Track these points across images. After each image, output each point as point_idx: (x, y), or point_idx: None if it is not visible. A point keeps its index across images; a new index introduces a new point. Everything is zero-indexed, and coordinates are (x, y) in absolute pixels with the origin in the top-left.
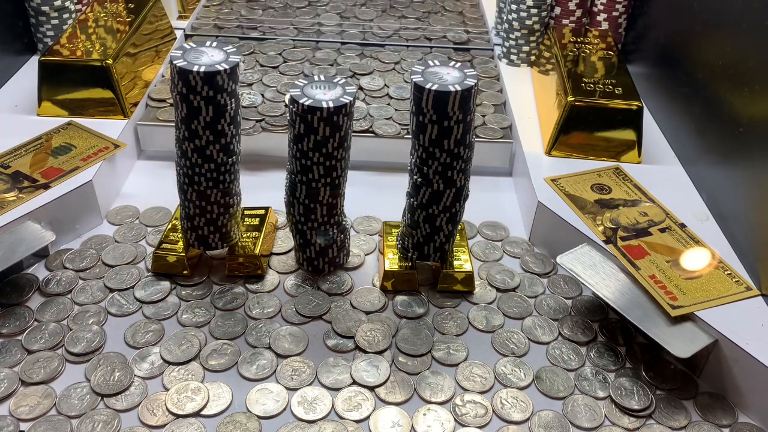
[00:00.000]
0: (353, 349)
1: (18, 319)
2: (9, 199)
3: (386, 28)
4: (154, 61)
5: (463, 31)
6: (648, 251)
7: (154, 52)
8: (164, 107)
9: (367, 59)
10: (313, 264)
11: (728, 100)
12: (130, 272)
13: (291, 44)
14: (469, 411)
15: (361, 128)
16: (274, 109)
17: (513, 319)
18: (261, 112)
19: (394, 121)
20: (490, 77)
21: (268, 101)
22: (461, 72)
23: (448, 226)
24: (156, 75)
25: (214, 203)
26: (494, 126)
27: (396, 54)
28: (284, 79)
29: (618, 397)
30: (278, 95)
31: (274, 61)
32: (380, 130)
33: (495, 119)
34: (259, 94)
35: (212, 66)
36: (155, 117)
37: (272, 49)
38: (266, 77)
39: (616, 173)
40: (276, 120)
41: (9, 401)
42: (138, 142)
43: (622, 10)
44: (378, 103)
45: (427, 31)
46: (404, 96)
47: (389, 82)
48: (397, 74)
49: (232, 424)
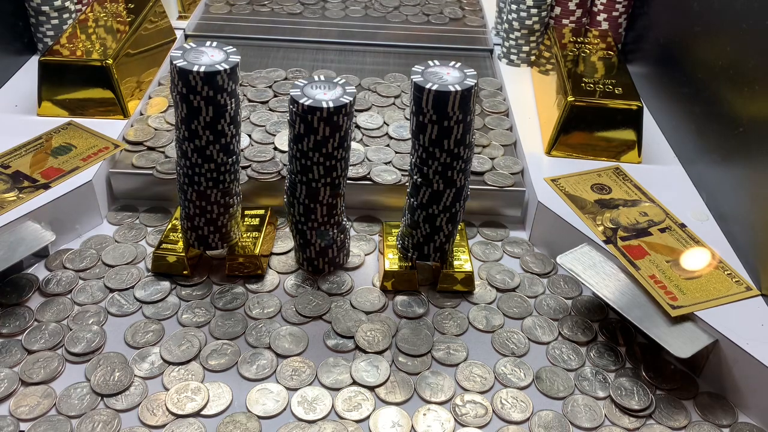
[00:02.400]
0: (353, 349)
1: (18, 319)
2: (9, 199)
3: (386, 27)
4: (154, 61)
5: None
6: (648, 251)
7: (154, 52)
8: (141, 150)
9: (365, 92)
10: (313, 264)
11: (728, 100)
12: (130, 272)
13: (282, 75)
14: (469, 411)
15: (358, 174)
16: (263, 153)
17: (513, 319)
18: (248, 158)
19: (393, 166)
20: (492, 87)
21: (255, 143)
22: (461, 72)
23: (448, 226)
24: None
25: (214, 203)
26: (503, 171)
27: (396, 86)
28: (274, 117)
29: (618, 397)
30: (267, 136)
31: (263, 95)
32: (378, 178)
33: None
34: (245, 135)
35: (212, 66)
36: (130, 163)
37: (261, 81)
38: (254, 115)
39: (616, 173)
40: (264, 167)
41: (9, 401)
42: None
43: (622, 10)
44: (376, 144)
45: (428, 24)
46: (405, 136)
47: (389, 120)
48: (397, 110)
49: (232, 424)
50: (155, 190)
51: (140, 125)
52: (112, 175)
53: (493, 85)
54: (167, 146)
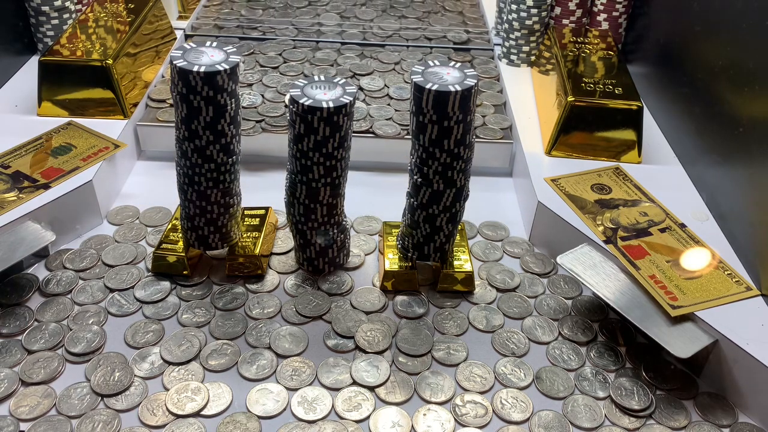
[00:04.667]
0: (353, 349)
1: (18, 319)
2: (9, 199)
3: (386, 28)
4: (154, 61)
5: (463, 31)
6: (648, 251)
7: (154, 52)
8: (164, 107)
9: (367, 59)
10: (313, 264)
11: (728, 100)
12: (130, 272)
13: (291, 44)
14: (469, 411)
15: (361, 129)
16: (274, 109)
17: (513, 319)
18: (261, 113)
19: (394, 121)
20: (491, 77)
21: (268, 101)
22: (461, 72)
23: (448, 226)
24: (156, 75)
25: (214, 203)
26: (494, 126)
27: (396, 54)
28: (284, 80)
29: (618, 397)
30: (278, 95)
31: (274, 61)
32: (380, 131)
33: (495, 119)
34: (259, 94)
35: (212, 66)
36: (155, 117)
37: (272, 49)
38: (266, 77)
39: (616, 173)
40: (276, 120)
41: (9, 401)
42: (138, 143)
43: (622, 10)
44: (378, 103)
45: (427, 31)
46: (404, 96)
47: (389, 83)
48: (397, 74)
49: (232, 424)
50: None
51: (163, 86)
52: (138, 128)
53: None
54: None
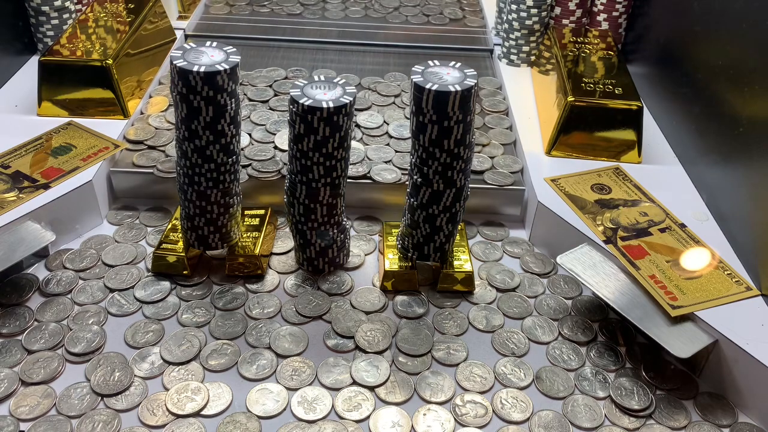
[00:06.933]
0: (353, 349)
1: (18, 319)
2: (9, 199)
3: (386, 28)
4: (154, 61)
5: (459, 10)
6: (648, 251)
7: (154, 52)
8: (142, 149)
9: (365, 91)
10: (313, 264)
11: (728, 100)
12: (130, 272)
13: (282, 75)
14: (469, 411)
15: (358, 173)
16: (263, 152)
17: (513, 319)
18: (248, 156)
19: (393, 165)
20: (492, 87)
21: (256, 142)
22: (461, 72)
23: (448, 226)
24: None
25: (214, 203)
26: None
27: (396, 85)
28: (274, 116)
29: (618, 397)
30: (268, 135)
31: (263, 94)
32: (379, 177)
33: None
34: (245, 133)
35: (212, 66)
36: (131, 162)
37: (262, 80)
38: (255, 114)
39: (616, 173)
40: (265, 165)
41: (9, 401)
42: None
43: (622, 10)
44: (377, 143)
45: (428, 24)
46: (404, 135)
47: (389, 119)
48: (398, 108)
49: (232, 424)
50: (156, 189)
51: (141, 124)
52: (113, 174)
53: (493, 85)
54: (167, 145)
